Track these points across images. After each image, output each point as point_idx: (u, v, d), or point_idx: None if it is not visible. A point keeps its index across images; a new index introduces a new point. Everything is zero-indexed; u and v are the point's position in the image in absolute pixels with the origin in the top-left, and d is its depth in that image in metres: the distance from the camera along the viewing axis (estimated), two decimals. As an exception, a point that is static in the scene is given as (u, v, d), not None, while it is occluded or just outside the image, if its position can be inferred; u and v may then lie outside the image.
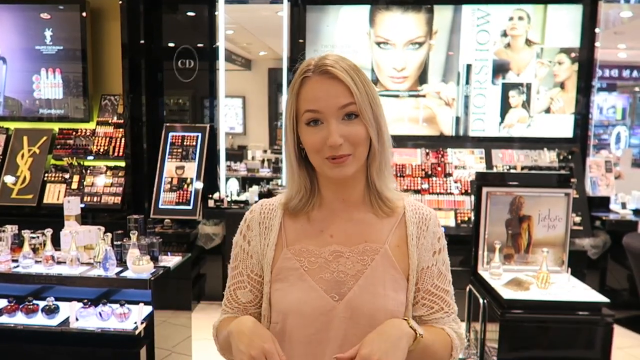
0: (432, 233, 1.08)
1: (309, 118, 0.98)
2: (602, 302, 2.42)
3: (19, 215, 4.24)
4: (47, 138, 4.56)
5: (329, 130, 0.96)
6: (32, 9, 4.54)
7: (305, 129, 0.99)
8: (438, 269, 1.08)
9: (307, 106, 0.98)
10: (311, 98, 0.98)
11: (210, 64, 4.95)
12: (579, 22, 4.59)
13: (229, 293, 1.12)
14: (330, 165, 0.98)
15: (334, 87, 0.97)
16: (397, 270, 1.04)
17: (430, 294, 1.07)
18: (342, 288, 1.01)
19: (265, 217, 1.09)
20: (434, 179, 4.55)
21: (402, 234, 1.06)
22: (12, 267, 2.58)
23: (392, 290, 1.02)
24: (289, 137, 1.03)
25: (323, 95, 0.97)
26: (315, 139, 0.98)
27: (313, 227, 1.06)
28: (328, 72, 0.98)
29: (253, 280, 1.09)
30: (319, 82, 0.98)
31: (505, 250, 2.72)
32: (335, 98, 0.97)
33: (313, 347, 1.01)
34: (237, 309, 1.11)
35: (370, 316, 1.00)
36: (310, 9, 4.74)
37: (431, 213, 1.10)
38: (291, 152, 1.04)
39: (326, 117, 0.97)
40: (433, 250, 1.08)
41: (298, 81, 1.00)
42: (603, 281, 4.43)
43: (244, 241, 1.10)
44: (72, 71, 4.56)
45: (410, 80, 4.73)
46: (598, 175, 4.67)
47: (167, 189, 4.54)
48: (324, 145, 0.97)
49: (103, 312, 2.48)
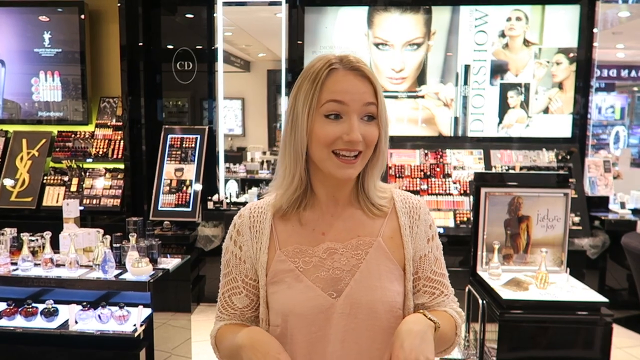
0: (424, 221, 1.10)
1: (330, 109, 0.97)
2: (601, 302, 2.42)
3: (18, 218, 4.25)
4: (46, 141, 4.56)
5: (351, 126, 0.96)
6: (31, 11, 4.54)
7: (321, 120, 0.98)
8: (434, 255, 1.11)
9: (332, 96, 0.97)
10: (339, 90, 0.97)
11: (209, 66, 4.95)
12: (577, 22, 4.60)
13: (224, 300, 1.12)
14: (338, 163, 0.98)
15: (363, 84, 0.98)
16: (392, 261, 1.05)
17: (430, 280, 1.10)
18: (339, 284, 1.02)
19: (255, 221, 1.08)
20: (432, 180, 4.55)
21: (395, 225, 1.08)
22: (11, 270, 2.58)
23: (388, 281, 1.03)
24: (300, 127, 0.99)
25: (351, 89, 0.97)
26: (332, 132, 0.97)
27: (304, 226, 1.06)
28: (358, 69, 0.99)
29: (248, 285, 1.09)
30: (349, 76, 0.98)
31: (504, 251, 2.72)
32: (362, 95, 0.98)
33: (315, 345, 1.02)
34: (234, 314, 1.11)
35: (369, 309, 1.01)
36: (308, 10, 4.75)
37: (420, 202, 1.12)
38: (299, 143, 1.00)
39: (349, 112, 0.97)
40: (427, 238, 1.10)
41: (324, 71, 0.98)
42: (602, 281, 4.43)
43: (235, 247, 1.09)
44: (71, 74, 4.57)
45: (408, 81, 4.74)
46: (597, 175, 4.67)
47: (166, 191, 4.54)
48: (338, 139, 0.97)
49: (102, 314, 2.48)
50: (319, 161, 1.00)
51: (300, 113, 0.99)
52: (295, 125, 1.00)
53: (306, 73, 1.01)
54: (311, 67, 1.01)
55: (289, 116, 1.02)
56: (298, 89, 1.01)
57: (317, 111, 0.98)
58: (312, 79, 0.99)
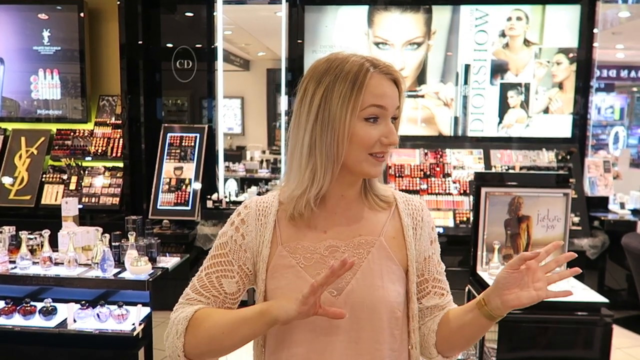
0: (427, 223, 1.12)
1: (372, 113, 0.99)
2: (601, 302, 2.42)
3: (17, 216, 4.23)
4: (45, 139, 4.55)
5: (390, 129, 1.01)
6: (30, 9, 4.53)
7: (362, 123, 0.99)
8: (437, 257, 1.13)
9: (375, 101, 0.99)
10: (381, 94, 0.99)
11: (208, 65, 4.94)
12: (577, 22, 4.60)
13: (209, 280, 1.05)
14: (374, 162, 1.01)
15: (395, 89, 1.02)
16: (394, 261, 1.05)
17: (436, 281, 1.11)
18: (340, 283, 1.01)
19: (261, 214, 1.07)
20: (432, 179, 4.55)
21: (398, 225, 1.08)
22: (9, 269, 2.57)
23: (390, 281, 1.03)
24: (339, 129, 0.98)
25: (389, 94, 1.01)
26: (374, 134, 1.00)
27: (307, 223, 1.05)
28: (391, 73, 1.02)
29: (244, 272, 1.06)
30: (385, 81, 1.01)
31: (504, 251, 2.72)
32: (395, 99, 1.02)
33: (314, 343, 1.01)
34: (215, 298, 1.05)
35: (370, 309, 1.01)
36: (308, 9, 4.74)
37: (422, 203, 1.14)
38: (336, 144, 0.98)
39: (386, 116, 1.01)
40: (430, 240, 1.11)
41: (366, 76, 0.98)
42: (602, 281, 4.43)
43: (236, 233, 1.07)
44: (70, 72, 4.55)
45: (408, 80, 4.73)
46: (596, 176, 4.67)
47: (165, 189, 4.53)
48: (377, 142, 1.00)
49: (101, 313, 2.47)
50: (354, 163, 1.01)
51: (338, 115, 0.98)
52: (331, 127, 0.99)
53: (337, 73, 0.99)
54: (342, 67, 0.99)
55: (316, 115, 0.99)
56: (329, 89, 0.99)
57: (358, 114, 0.99)
58: (351, 81, 0.98)
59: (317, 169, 1.01)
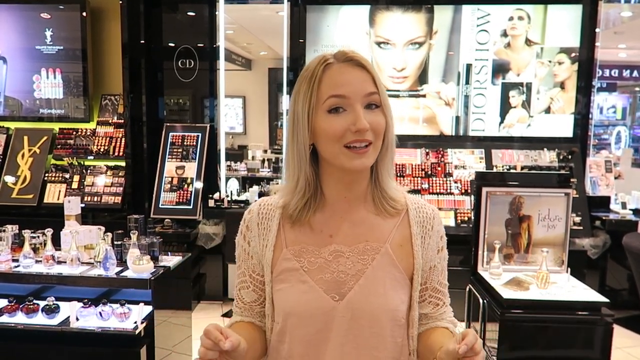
0: (437, 232, 1.09)
1: (332, 104, 0.96)
2: (602, 302, 2.42)
3: (20, 215, 4.24)
4: (47, 138, 4.56)
5: (356, 115, 0.95)
6: (33, 8, 4.54)
7: (325, 117, 0.97)
8: (442, 266, 1.10)
9: (332, 92, 0.96)
10: (337, 83, 0.96)
11: (210, 64, 4.95)
12: (579, 22, 4.59)
13: (236, 293, 1.13)
14: (350, 155, 0.96)
15: (360, 74, 0.98)
16: (399, 269, 1.03)
17: (435, 291, 1.09)
18: (342, 288, 1.01)
19: (263, 218, 1.08)
20: (434, 179, 4.55)
21: (406, 233, 1.06)
22: (12, 267, 2.58)
23: (393, 289, 1.02)
24: (301, 127, 0.98)
25: (350, 81, 0.97)
26: (338, 125, 0.95)
27: (312, 227, 1.05)
28: (353, 59, 0.98)
29: (255, 280, 1.09)
30: (344, 69, 0.98)
31: (505, 250, 2.72)
32: (362, 84, 0.97)
33: (313, 347, 1.01)
34: (244, 308, 1.12)
35: (371, 316, 1.00)
36: (310, 8, 4.75)
37: (434, 211, 1.10)
38: (302, 144, 0.99)
39: (352, 103, 0.96)
40: (437, 249, 1.09)
41: (320, 69, 0.98)
42: (603, 281, 4.43)
43: (244, 241, 1.10)
44: (73, 71, 4.57)
45: (410, 80, 4.73)
46: (598, 175, 4.67)
47: (167, 188, 4.54)
48: (346, 132, 0.95)
49: (103, 311, 2.48)
50: (331, 158, 0.99)
51: (300, 114, 0.98)
52: (297, 128, 0.99)
53: (303, 74, 1.01)
54: (307, 67, 1.01)
55: (291, 120, 1.01)
56: (297, 92, 1.01)
57: (319, 109, 0.97)
58: (309, 77, 0.98)
59: (294, 173, 1.02)
